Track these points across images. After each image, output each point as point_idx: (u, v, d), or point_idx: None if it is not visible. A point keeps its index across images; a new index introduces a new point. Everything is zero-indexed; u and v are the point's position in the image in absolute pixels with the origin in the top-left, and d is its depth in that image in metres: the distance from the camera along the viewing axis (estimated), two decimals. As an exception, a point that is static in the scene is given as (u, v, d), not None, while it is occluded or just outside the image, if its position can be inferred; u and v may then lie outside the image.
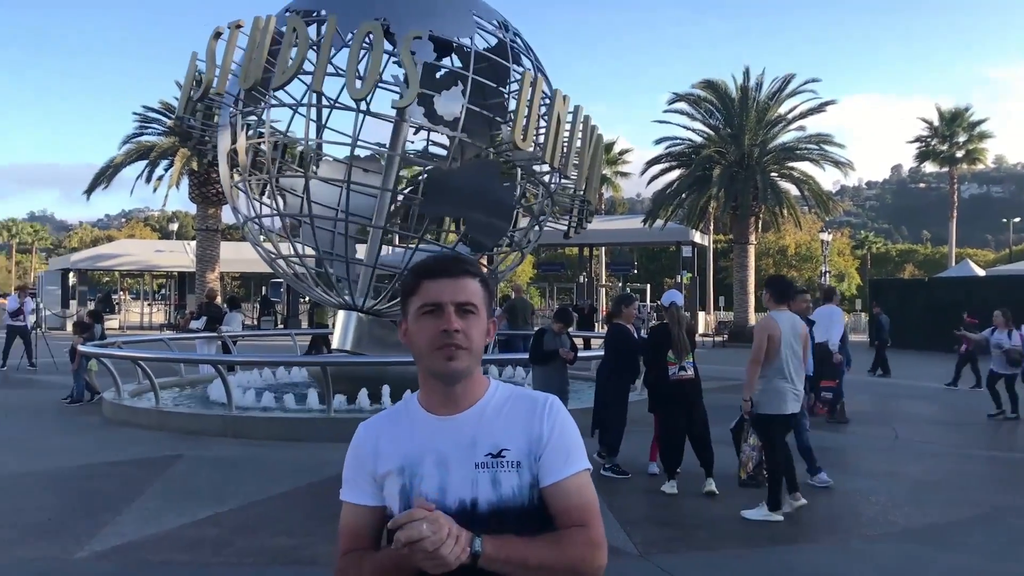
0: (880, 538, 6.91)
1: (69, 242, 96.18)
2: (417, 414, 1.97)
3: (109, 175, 35.37)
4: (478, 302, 1.92)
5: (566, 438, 1.91)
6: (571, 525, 1.85)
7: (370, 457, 1.96)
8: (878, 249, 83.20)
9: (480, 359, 1.96)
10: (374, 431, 2.01)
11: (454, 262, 1.98)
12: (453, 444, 1.89)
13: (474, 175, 12.83)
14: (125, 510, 7.34)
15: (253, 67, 11.74)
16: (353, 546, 1.95)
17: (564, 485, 1.87)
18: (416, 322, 1.92)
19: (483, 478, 1.85)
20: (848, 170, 35.10)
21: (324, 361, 13.48)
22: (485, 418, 1.91)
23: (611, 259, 49.73)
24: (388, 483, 1.91)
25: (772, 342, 7.29)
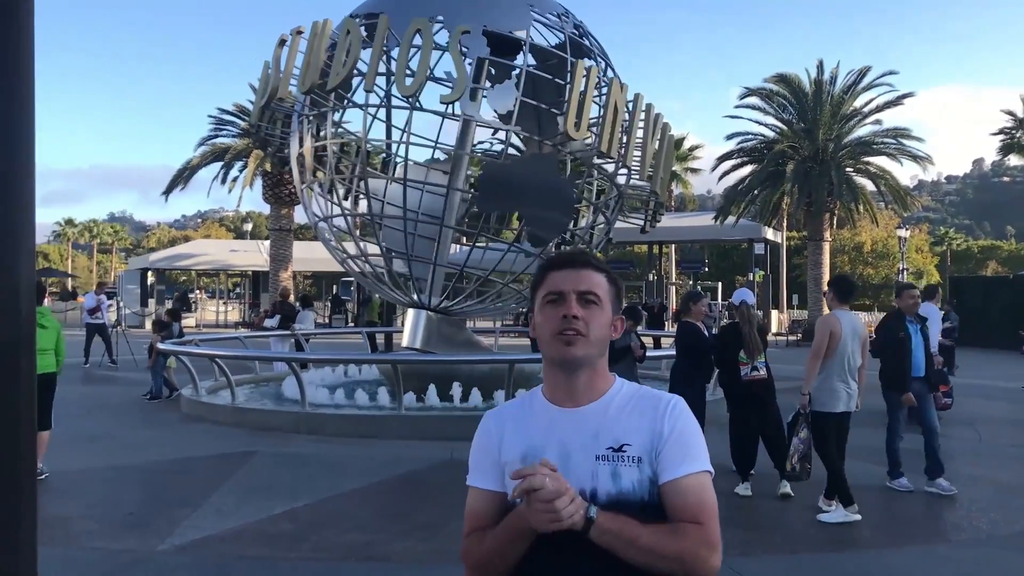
0: (964, 544, 6.68)
1: (147, 242, 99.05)
2: (541, 405, 2.03)
3: (186, 177, 36.26)
4: (601, 293, 1.98)
5: (687, 437, 1.93)
6: (687, 522, 1.86)
7: (495, 445, 2.03)
8: (958, 246, 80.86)
9: (604, 351, 2.01)
10: (500, 420, 2.08)
11: (579, 254, 2.08)
12: (576, 435, 1.93)
13: (530, 168, 12.67)
14: (203, 505, 7.49)
15: (310, 71, 12.01)
16: (476, 527, 2.02)
17: (682, 483, 1.88)
18: (541, 312, 2.00)
19: (603, 470, 1.89)
20: (927, 164, 34.12)
21: (395, 359, 13.58)
22: (609, 412, 1.95)
23: (681, 257, 49.22)
24: (510, 470, 1.93)
25: (833, 339, 7.39)
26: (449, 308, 13.87)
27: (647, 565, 1.81)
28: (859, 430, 10.94)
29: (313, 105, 13.10)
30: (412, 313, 13.77)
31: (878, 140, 34.13)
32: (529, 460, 1.90)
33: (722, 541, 1.86)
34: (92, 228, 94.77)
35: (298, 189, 14.28)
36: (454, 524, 6.92)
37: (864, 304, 54.09)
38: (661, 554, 1.80)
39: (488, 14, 12.22)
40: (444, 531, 6.73)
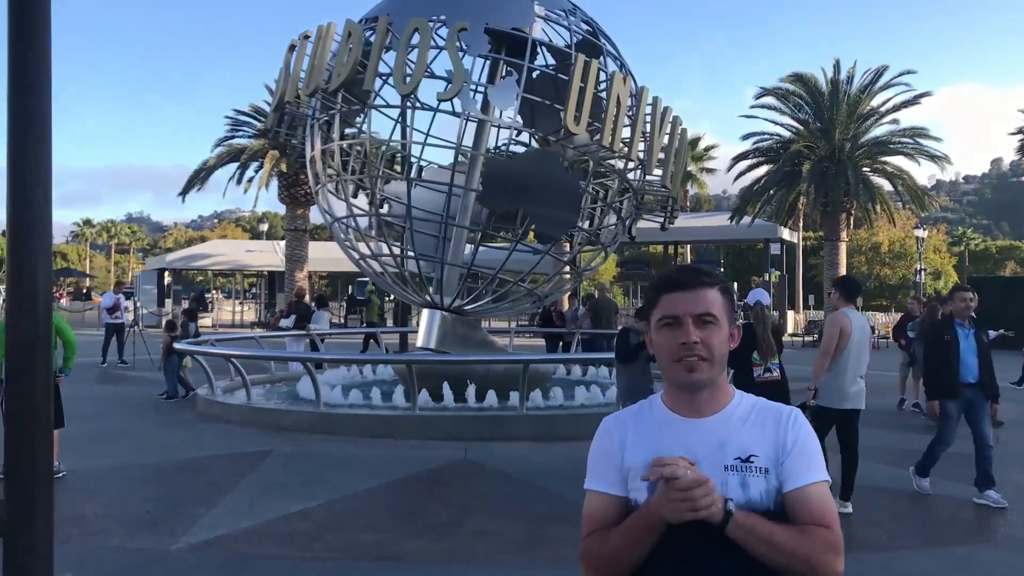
0: (981, 545, 6.65)
1: (164, 242, 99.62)
2: (663, 414, 2.06)
3: (202, 177, 36.44)
4: (717, 312, 2.01)
5: (809, 447, 1.99)
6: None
7: (617, 449, 2.06)
8: (976, 246, 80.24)
9: (723, 367, 2.04)
10: (621, 425, 2.11)
11: (692, 274, 2.07)
12: (702, 445, 1.96)
13: (532, 165, 12.54)
14: (218, 503, 7.53)
15: (315, 74, 12.19)
16: (595, 529, 2.04)
17: (806, 491, 1.94)
18: (657, 334, 2.05)
19: (732, 480, 1.93)
20: (945, 164, 33.87)
21: (410, 359, 13.61)
22: (732, 424, 2.00)
23: (696, 257, 49.03)
24: (634, 476, 2.00)
25: (843, 337, 7.52)
26: (464, 308, 13.89)
27: (776, 564, 1.87)
28: (869, 430, 10.92)
29: (326, 108, 13.16)
30: (427, 313, 13.80)
31: (895, 140, 33.91)
32: None
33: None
34: (110, 228, 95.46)
35: (313, 190, 14.36)
36: (467, 524, 6.94)
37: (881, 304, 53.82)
38: (792, 553, 1.86)
39: (492, 13, 12.23)
40: (457, 531, 6.75)
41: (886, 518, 7.42)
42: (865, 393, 7.70)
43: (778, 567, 1.87)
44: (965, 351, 7.95)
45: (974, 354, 7.96)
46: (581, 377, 15.99)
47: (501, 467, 9.20)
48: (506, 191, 12.23)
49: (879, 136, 34.21)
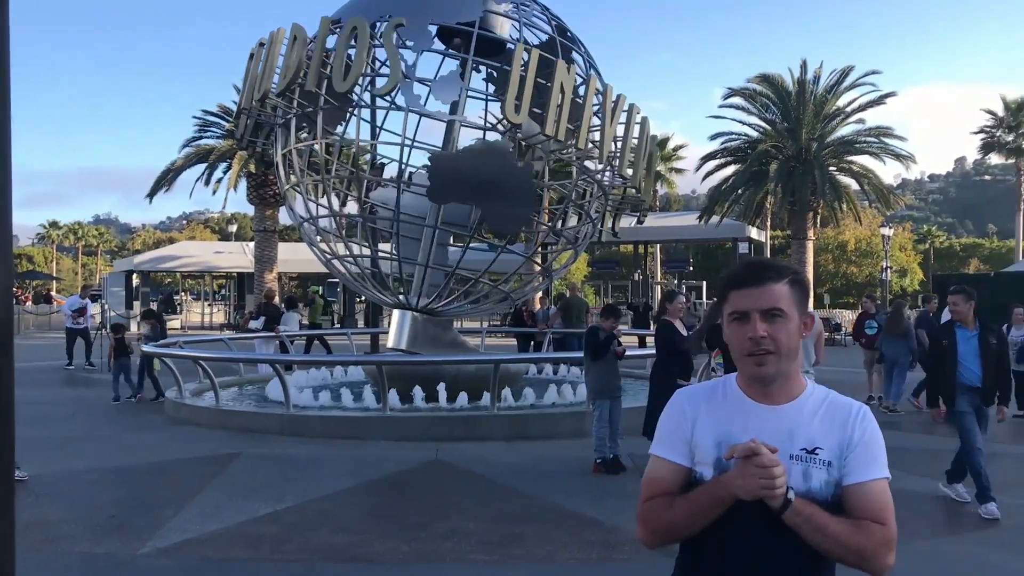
0: (946, 539, 6.75)
1: (133, 244, 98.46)
2: (737, 396, 2.13)
3: (170, 178, 36.10)
4: (784, 305, 2.06)
5: (874, 444, 2.06)
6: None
7: (688, 423, 2.12)
8: (941, 244, 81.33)
9: (794, 358, 2.09)
10: (694, 401, 2.17)
11: (758, 269, 2.13)
12: (771, 432, 2.01)
13: (480, 159, 12.38)
14: (186, 507, 7.47)
15: (264, 79, 12.33)
16: (657, 493, 2.11)
17: (867, 486, 2.01)
18: (728, 329, 2.11)
19: (796, 470, 2.00)
20: (909, 163, 34.32)
21: (380, 360, 13.57)
22: (803, 414, 2.06)
23: (666, 256, 49.31)
24: (702, 451, 2.08)
25: None
26: (435, 308, 13.87)
27: (828, 552, 1.97)
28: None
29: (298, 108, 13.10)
30: (397, 314, 13.76)
31: (861, 139, 34.31)
32: (723, 447, 2.02)
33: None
34: (77, 230, 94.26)
35: (282, 191, 14.28)
36: (438, 524, 6.94)
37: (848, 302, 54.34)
38: (845, 544, 1.94)
39: (440, 10, 12.32)
40: (428, 531, 6.75)
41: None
42: None
43: (830, 555, 1.98)
44: (966, 354, 7.65)
45: (977, 357, 7.61)
46: (552, 376, 16.03)
47: (472, 467, 9.20)
48: (454, 186, 12.11)
49: (845, 136, 34.59)
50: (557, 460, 9.68)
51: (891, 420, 12.86)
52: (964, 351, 7.65)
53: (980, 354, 7.60)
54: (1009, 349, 12.81)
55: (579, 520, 7.03)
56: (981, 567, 6.20)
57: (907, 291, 58.52)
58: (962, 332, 7.73)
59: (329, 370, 16.05)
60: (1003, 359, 7.77)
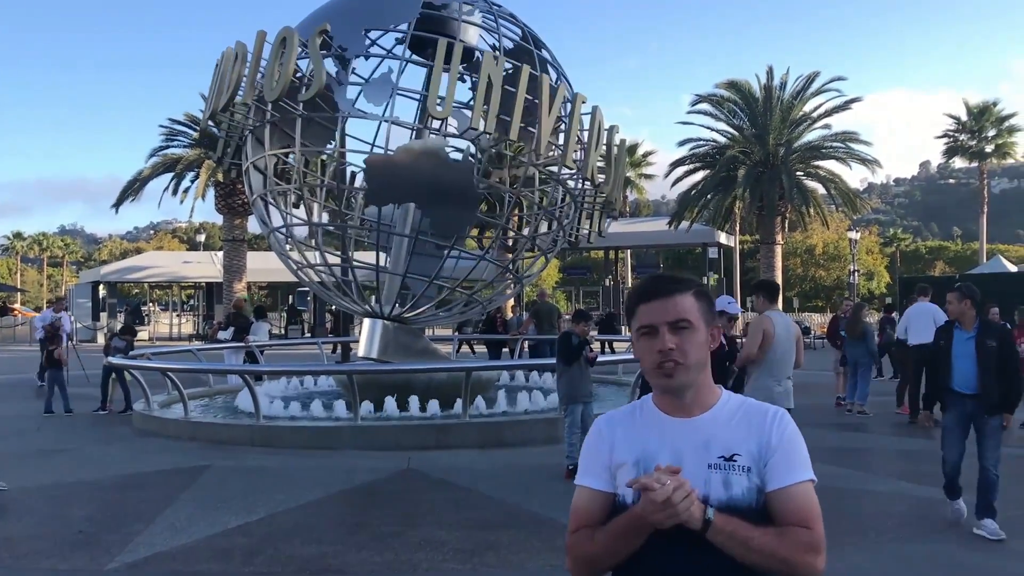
0: (915, 540, 6.81)
1: (99, 255, 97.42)
2: (653, 413, 2.12)
3: (137, 188, 35.73)
4: (692, 317, 2.05)
5: (794, 447, 2.04)
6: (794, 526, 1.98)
7: (607, 448, 2.12)
8: (907, 247, 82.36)
9: (703, 369, 2.08)
10: (611, 425, 2.17)
11: (664, 282, 2.11)
12: (688, 443, 2.02)
13: (416, 159, 12.27)
14: (155, 520, 7.36)
15: (218, 96, 12.47)
16: (582, 524, 2.09)
17: (789, 491, 1.98)
18: (638, 343, 2.10)
19: (715, 478, 1.99)
20: (875, 168, 34.78)
21: (351, 369, 13.50)
22: (718, 423, 2.05)
23: (637, 262, 49.56)
24: (622, 473, 2.06)
25: (767, 339, 7.55)
26: (405, 316, 13.82)
27: (756, 564, 1.92)
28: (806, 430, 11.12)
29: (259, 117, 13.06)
30: (368, 322, 13.70)
31: (827, 144, 34.70)
32: (643, 464, 2.02)
33: None
34: (42, 241, 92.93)
35: (250, 199, 14.19)
36: (411, 533, 6.90)
37: (817, 305, 54.88)
38: (771, 554, 1.91)
39: (374, 16, 12.49)
40: (401, 541, 6.71)
41: (823, 515, 7.53)
42: (792, 392, 7.80)
43: (758, 568, 1.93)
44: (960, 357, 7.00)
45: (972, 361, 6.93)
46: (525, 383, 16.02)
47: (445, 476, 9.16)
48: (391, 187, 12.07)
49: (812, 141, 34.98)
50: (530, 467, 9.67)
51: (860, 422, 13.01)
52: (959, 353, 7.03)
53: (977, 357, 6.92)
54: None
55: (553, 527, 7.02)
56: (954, 567, 6.26)
57: (875, 294, 59.20)
58: (959, 333, 7.12)
59: (300, 380, 15.95)
60: (1009, 361, 6.96)
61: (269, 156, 13.05)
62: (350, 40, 12.07)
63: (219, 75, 12.63)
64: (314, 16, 12.60)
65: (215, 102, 12.61)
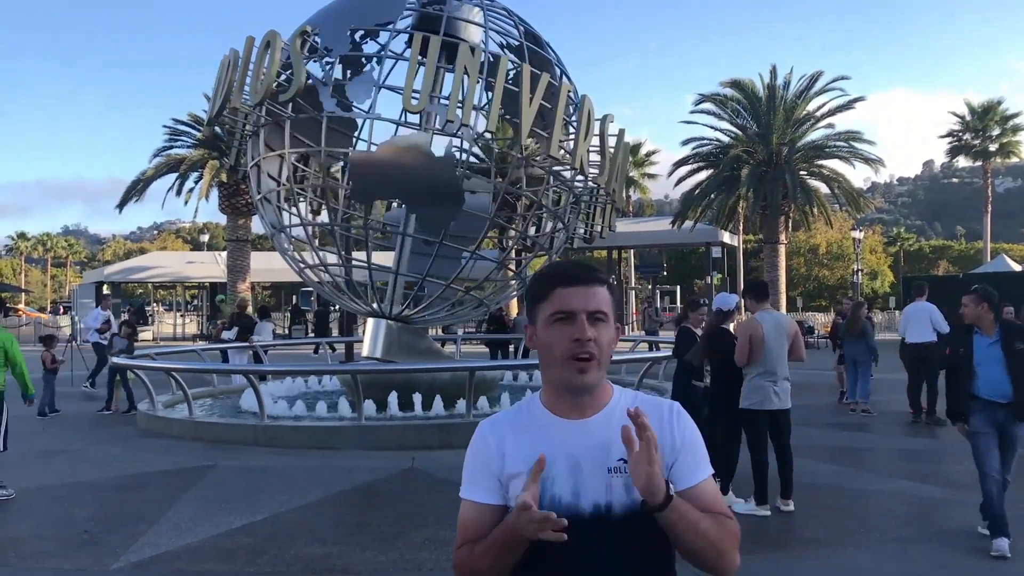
0: (917, 541, 6.82)
1: (103, 255, 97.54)
2: (543, 416, 1.99)
3: (140, 188, 35.80)
4: (607, 310, 1.94)
5: (695, 444, 1.98)
6: None
7: (495, 457, 1.98)
8: (911, 246, 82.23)
9: (607, 366, 1.97)
10: (498, 431, 2.02)
11: (587, 270, 1.99)
12: (585, 448, 1.91)
13: (398, 156, 12.13)
14: (160, 520, 7.39)
15: (216, 100, 12.63)
16: (469, 539, 1.96)
17: (699, 488, 1.93)
18: (547, 329, 1.94)
19: (617, 483, 1.89)
20: (879, 167, 34.80)
21: (355, 369, 13.52)
22: (614, 423, 1.89)
23: (640, 261, 49.56)
24: (516, 484, 1.91)
25: (755, 343, 7.61)
26: (409, 316, 13.84)
27: (692, 550, 1.85)
28: (808, 429, 11.16)
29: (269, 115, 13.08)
30: (372, 322, 13.72)
31: (831, 143, 34.69)
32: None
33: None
34: (46, 241, 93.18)
35: (254, 200, 14.22)
36: (415, 533, 6.92)
37: (820, 305, 54.82)
38: (711, 541, 1.85)
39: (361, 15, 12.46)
40: (405, 541, 6.72)
41: (825, 515, 7.57)
42: (790, 391, 7.84)
43: (690, 555, 1.86)
44: (985, 363, 6.63)
45: (1000, 366, 6.55)
46: (528, 383, 16.04)
47: (448, 475, 9.14)
48: (374, 182, 12.05)
49: (815, 140, 34.98)
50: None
51: (862, 421, 13.01)
52: (982, 359, 6.61)
53: (1008, 364, 6.47)
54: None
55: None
56: (955, 569, 6.26)
57: (878, 293, 59.13)
58: (980, 339, 6.68)
59: (304, 380, 15.98)
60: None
61: (273, 157, 13.08)
62: (336, 40, 12.13)
63: (217, 80, 12.76)
64: (313, 17, 12.66)
65: (212, 108, 12.86)
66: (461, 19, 13.25)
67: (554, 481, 1.89)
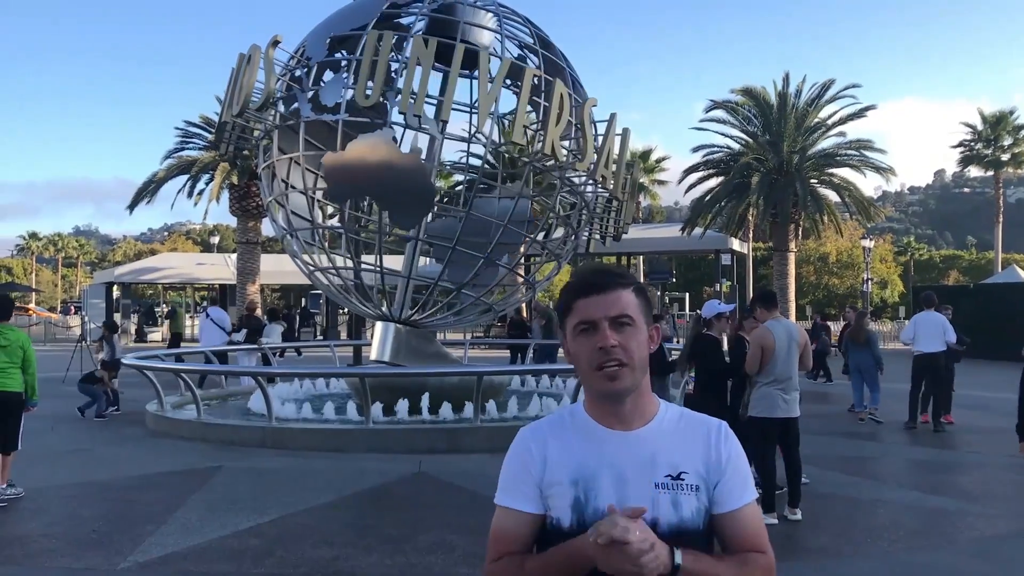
0: (924, 550, 6.79)
1: (113, 256, 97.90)
2: (587, 424, 1.94)
3: (152, 190, 35.85)
4: (633, 313, 1.90)
5: (742, 466, 1.93)
6: (748, 551, 1.88)
7: (537, 464, 1.93)
8: (921, 255, 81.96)
9: (646, 370, 1.92)
10: (540, 438, 1.97)
11: (604, 275, 1.96)
12: (631, 461, 1.86)
13: (365, 155, 12.06)
14: (167, 521, 7.42)
15: (232, 104, 12.62)
16: (506, 551, 1.90)
17: (743, 513, 1.89)
18: (574, 341, 1.92)
19: (663, 499, 1.84)
20: (890, 176, 34.59)
21: (363, 372, 13.53)
22: (662, 436, 1.88)
23: (649, 268, 49.44)
24: (557, 493, 1.88)
25: (766, 352, 7.64)
26: (417, 320, 13.85)
27: None
28: (818, 437, 11.13)
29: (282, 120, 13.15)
30: (380, 326, 13.73)
31: (842, 152, 34.56)
32: (581, 485, 1.86)
33: None
34: (57, 242, 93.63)
35: (265, 202, 14.26)
36: (422, 537, 6.92)
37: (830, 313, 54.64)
38: None
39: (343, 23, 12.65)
40: (412, 545, 6.73)
41: (833, 524, 7.55)
42: (799, 399, 7.87)
43: None
44: None
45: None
46: (536, 388, 16.03)
47: (456, 480, 9.18)
48: (347, 183, 12.10)
49: (826, 148, 34.84)
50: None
51: (872, 430, 12.96)
52: None
53: None
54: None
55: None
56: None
57: (887, 303, 58.93)
58: None
59: (312, 382, 16.01)
60: None
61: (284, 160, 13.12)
62: (315, 49, 12.39)
63: (238, 79, 12.77)
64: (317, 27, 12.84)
65: (227, 110, 12.99)
66: (470, 23, 13.22)
67: (597, 494, 1.84)
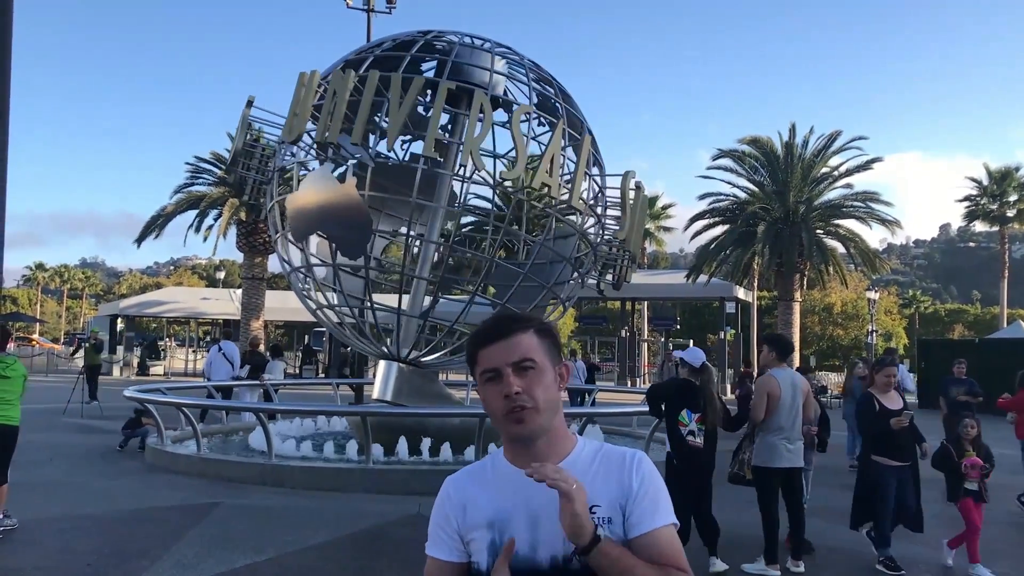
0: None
1: (119, 288, 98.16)
2: (504, 468, 1.99)
3: (161, 224, 36.07)
4: (536, 356, 1.92)
5: (655, 491, 1.93)
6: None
7: (457, 512, 1.99)
8: (926, 309, 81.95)
9: (556, 410, 1.96)
10: (460, 486, 2.03)
11: (503, 321, 1.99)
12: (544, 500, 1.86)
13: (310, 190, 12.18)
14: (163, 557, 7.34)
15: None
16: None
17: (656, 535, 1.88)
18: (483, 389, 1.96)
19: None
20: (895, 228, 34.70)
21: (364, 411, 13.47)
22: (575, 474, 1.86)
23: (653, 314, 49.41)
24: (477, 538, 1.93)
25: (772, 400, 7.54)
26: (420, 360, 13.82)
27: None
28: (821, 490, 11.03)
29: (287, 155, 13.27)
30: (383, 365, 13.70)
31: (848, 203, 34.71)
32: (497, 526, 1.91)
33: None
34: (63, 273, 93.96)
35: (273, 238, 14.31)
36: (418, 580, 6.82)
37: (834, 364, 54.45)
38: None
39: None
40: (408, 587, 6.64)
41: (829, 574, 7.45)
42: (803, 451, 7.79)
43: None
44: None
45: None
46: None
47: (454, 522, 9.07)
48: (302, 220, 12.21)
49: (832, 199, 35.00)
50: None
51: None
52: None
53: None
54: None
55: None
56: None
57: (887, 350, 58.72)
58: None
59: (313, 420, 15.94)
60: None
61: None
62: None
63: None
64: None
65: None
66: (473, 65, 13.33)
67: (512, 535, 1.88)
